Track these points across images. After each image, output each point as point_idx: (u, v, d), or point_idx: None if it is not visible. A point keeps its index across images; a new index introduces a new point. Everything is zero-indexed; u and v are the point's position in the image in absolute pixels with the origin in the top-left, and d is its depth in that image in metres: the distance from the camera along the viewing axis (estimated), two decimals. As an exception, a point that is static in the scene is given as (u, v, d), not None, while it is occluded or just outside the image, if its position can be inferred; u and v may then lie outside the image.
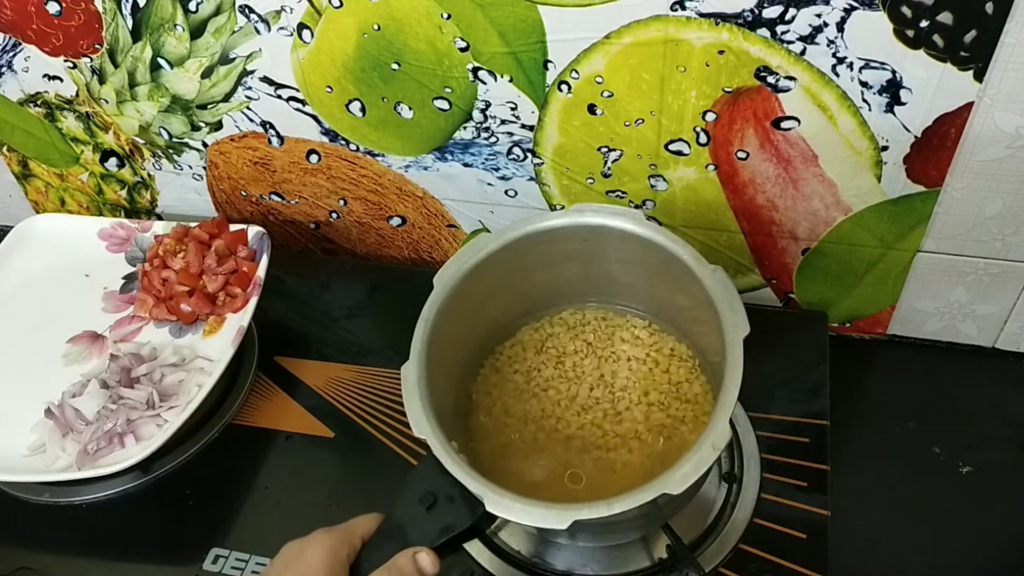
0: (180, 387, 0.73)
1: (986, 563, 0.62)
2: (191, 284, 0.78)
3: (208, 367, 0.74)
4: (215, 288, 0.78)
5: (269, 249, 0.79)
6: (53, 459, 0.69)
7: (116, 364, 0.74)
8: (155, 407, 0.71)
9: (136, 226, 0.86)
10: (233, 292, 0.78)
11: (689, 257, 0.58)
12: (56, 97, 0.85)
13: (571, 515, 0.46)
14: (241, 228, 0.82)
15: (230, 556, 0.64)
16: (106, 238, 0.86)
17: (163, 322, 0.80)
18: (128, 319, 0.81)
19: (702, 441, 0.48)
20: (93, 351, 0.78)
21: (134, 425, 0.69)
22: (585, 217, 0.62)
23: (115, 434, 0.69)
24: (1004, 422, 0.70)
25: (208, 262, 0.79)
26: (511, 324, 0.68)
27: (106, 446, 0.68)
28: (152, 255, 0.82)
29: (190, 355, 0.76)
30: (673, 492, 0.47)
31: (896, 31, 0.57)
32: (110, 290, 0.83)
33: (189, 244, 0.80)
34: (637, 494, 0.47)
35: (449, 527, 0.50)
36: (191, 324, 0.79)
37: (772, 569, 0.59)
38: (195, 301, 0.78)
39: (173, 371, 0.74)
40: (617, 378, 0.64)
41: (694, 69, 0.63)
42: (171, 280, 0.79)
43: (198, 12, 0.72)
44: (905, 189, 0.65)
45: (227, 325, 0.77)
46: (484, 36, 0.66)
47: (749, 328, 0.52)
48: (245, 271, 0.79)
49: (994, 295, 0.71)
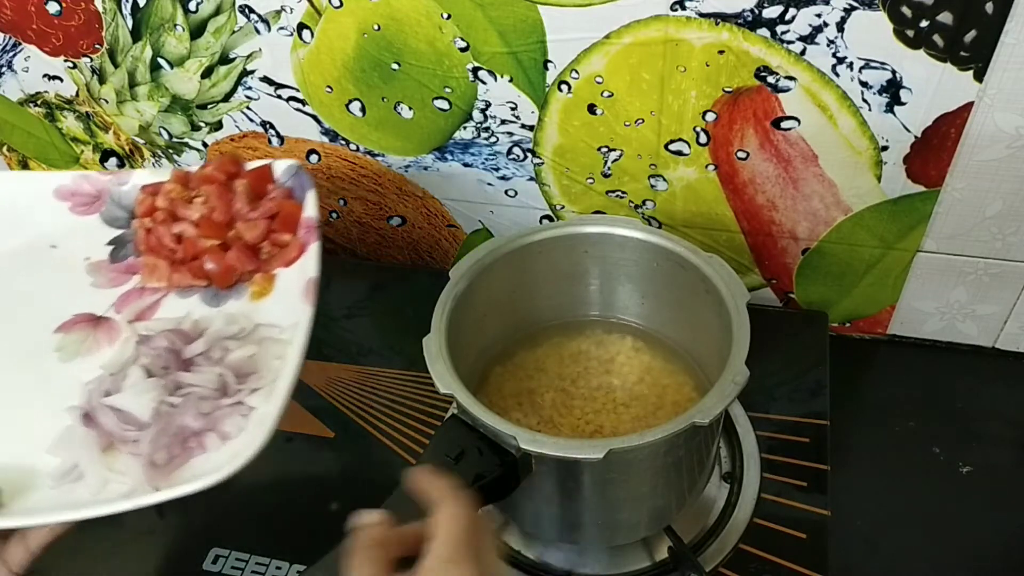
0: (255, 363, 0.55)
1: (986, 563, 0.62)
2: (219, 236, 0.61)
3: (280, 334, 0.57)
4: (255, 237, 0.61)
5: (312, 183, 0.63)
6: (100, 485, 0.50)
7: (151, 346, 0.56)
8: (231, 392, 0.54)
9: (108, 179, 0.67)
10: (280, 240, 0.61)
11: (685, 250, 0.60)
12: (56, 97, 0.85)
13: (605, 445, 0.47)
14: (263, 163, 0.65)
15: (230, 556, 0.64)
16: (67, 197, 0.67)
17: (188, 290, 0.62)
18: (136, 292, 0.62)
19: (723, 379, 0.50)
20: (99, 338, 0.60)
21: (212, 419, 0.52)
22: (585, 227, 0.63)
23: (189, 434, 0.51)
24: (1004, 422, 0.70)
25: (238, 206, 0.62)
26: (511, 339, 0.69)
27: (180, 453, 0.50)
28: (148, 209, 0.64)
29: (248, 324, 0.58)
30: (702, 421, 0.48)
31: (896, 31, 0.57)
32: (95, 261, 0.65)
33: (203, 188, 0.63)
34: (668, 425, 0.48)
35: (480, 475, 0.50)
36: (229, 287, 0.61)
37: (772, 569, 0.59)
38: (234, 257, 0.60)
39: (238, 345, 0.56)
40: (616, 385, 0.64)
41: (694, 69, 0.63)
42: (189, 235, 0.61)
43: (198, 12, 0.72)
44: (905, 189, 0.65)
45: (281, 282, 0.61)
46: (484, 36, 0.66)
47: (748, 295, 0.55)
48: (289, 212, 0.62)
49: (994, 295, 0.71)
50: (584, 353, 0.67)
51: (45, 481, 0.50)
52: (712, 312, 0.57)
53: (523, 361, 0.66)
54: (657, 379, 0.64)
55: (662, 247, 0.61)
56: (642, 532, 0.59)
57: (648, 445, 0.48)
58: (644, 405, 0.62)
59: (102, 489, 0.49)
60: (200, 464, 0.50)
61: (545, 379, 0.65)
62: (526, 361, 0.66)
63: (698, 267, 0.59)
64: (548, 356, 0.67)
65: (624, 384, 0.64)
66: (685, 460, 0.55)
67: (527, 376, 0.65)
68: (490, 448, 0.50)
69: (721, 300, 0.56)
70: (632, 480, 0.54)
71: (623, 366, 0.65)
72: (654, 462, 0.53)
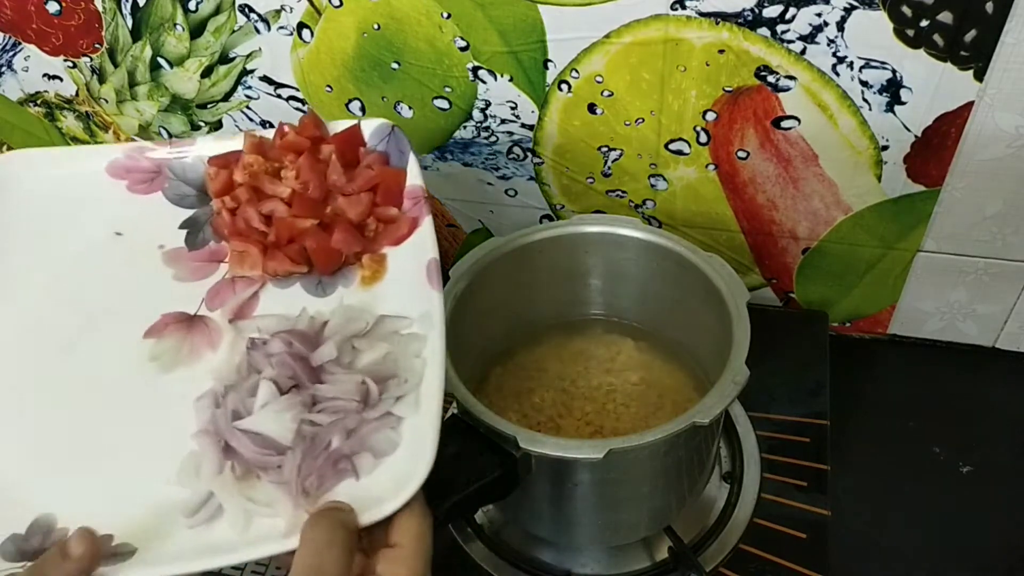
0: (393, 365, 0.47)
1: (986, 563, 0.62)
2: (317, 215, 0.52)
3: (410, 327, 0.48)
4: (360, 214, 0.52)
5: (410, 144, 0.55)
6: (244, 519, 0.42)
7: (269, 353, 0.47)
8: (373, 403, 0.45)
9: (167, 150, 0.57)
10: (386, 214, 0.53)
11: (685, 250, 0.60)
12: (56, 97, 0.85)
13: (605, 445, 0.48)
14: (351, 123, 0.56)
15: (230, 556, 0.64)
16: (121, 174, 0.57)
17: (287, 279, 0.53)
18: (227, 285, 0.52)
19: (723, 379, 0.50)
20: (197, 342, 0.50)
21: (360, 436, 0.44)
22: (585, 227, 0.63)
23: (339, 456, 0.43)
24: (1004, 422, 0.70)
25: (333, 178, 0.54)
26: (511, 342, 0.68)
27: (331, 476, 0.43)
28: (224, 185, 0.54)
29: (370, 317, 0.49)
30: (702, 421, 0.48)
31: (896, 30, 0.57)
32: (171, 249, 0.54)
33: (288, 158, 0.54)
34: (668, 425, 0.48)
35: (480, 475, 0.49)
36: (335, 273, 0.52)
37: (772, 569, 0.59)
38: (340, 239, 0.52)
39: (368, 344, 0.48)
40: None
41: (694, 68, 0.63)
42: (281, 214, 0.52)
43: (198, 11, 0.72)
44: (905, 189, 0.65)
45: (393, 263, 0.52)
46: (484, 35, 0.66)
47: (748, 295, 0.56)
48: (392, 182, 0.54)
49: (994, 295, 0.71)
50: (584, 353, 0.67)
51: (177, 518, 0.42)
52: (712, 312, 0.57)
53: (523, 361, 0.66)
54: (657, 379, 0.64)
55: (662, 247, 0.61)
56: (642, 532, 0.59)
57: (648, 445, 0.48)
58: (644, 405, 0.62)
59: (248, 525, 0.42)
60: (350, 488, 0.42)
61: (545, 379, 0.65)
62: (526, 361, 0.66)
63: (698, 267, 0.59)
64: (548, 356, 0.67)
65: (624, 384, 0.64)
66: (685, 460, 0.55)
67: (527, 376, 0.65)
68: (490, 448, 0.50)
69: (721, 300, 0.56)
70: (632, 480, 0.54)
71: (623, 366, 0.65)
72: (654, 462, 0.53)
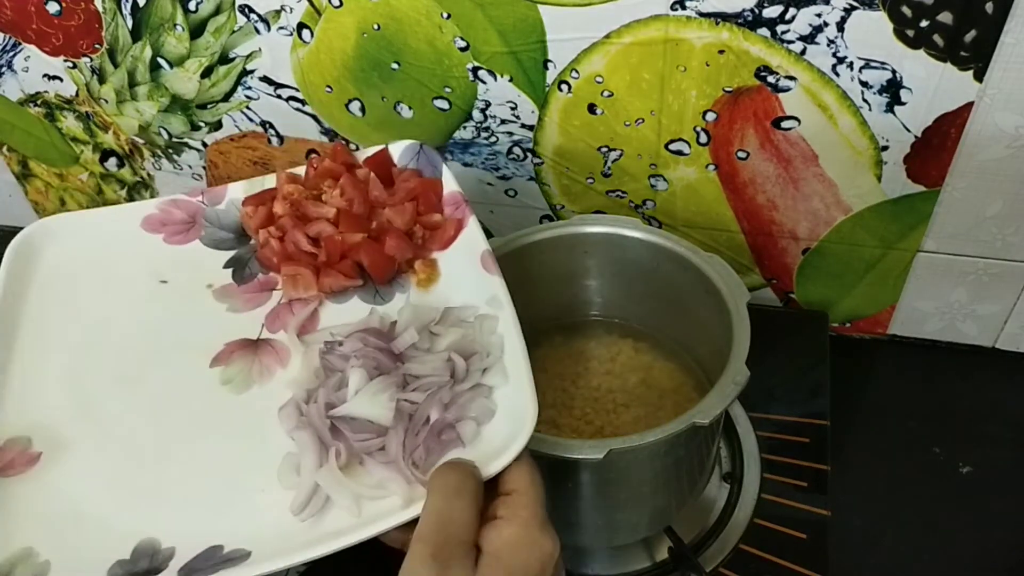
0: (472, 343, 0.49)
1: (986, 563, 0.62)
2: (364, 229, 0.55)
3: (477, 311, 0.51)
4: (406, 222, 0.56)
5: (441, 158, 0.59)
6: (354, 504, 0.43)
7: (348, 352, 0.49)
8: (462, 377, 0.47)
9: (198, 200, 0.60)
10: (430, 221, 0.56)
11: (685, 250, 0.60)
12: (56, 97, 0.85)
13: (605, 445, 0.48)
14: (379, 148, 0.60)
15: (230, 556, 0.64)
16: (157, 228, 0.60)
17: (343, 294, 0.55)
18: (284, 308, 0.55)
19: (724, 379, 0.50)
20: (266, 362, 0.52)
21: (458, 408, 0.46)
22: (585, 227, 0.63)
23: (444, 426, 0.45)
24: (1004, 422, 0.70)
25: (375, 194, 0.57)
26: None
27: (437, 448, 0.44)
28: (264, 219, 0.57)
29: (437, 311, 0.52)
30: (702, 422, 0.48)
31: (896, 31, 0.57)
32: (220, 286, 0.57)
33: (328, 181, 0.58)
34: (668, 425, 0.48)
35: None
36: (389, 282, 0.55)
37: (772, 569, 0.59)
38: (393, 246, 0.55)
39: (443, 330, 0.51)
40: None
41: (694, 69, 0.63)
42: (328, 234, 0.56)
43: (198, 12, 0.72)
44: (905, 189, 0.65)
45: (445, 266, 0.55)
46: (484, 36, 0.66)
47: (748, 295, 0.56)
48: (430, 191, 0.57)
49: (994, 295, 0.71)
50: (584, 353, 0.67)
51: (286, 517, 0.43)
52: (712, 312, 0.57)
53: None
54: (657, 379, 0.64)
55: (662, 247, 0.61)
56: (642, 532, 0.59)
57: (648, 445, 0.48)
58: (644, 405, 0.62)
59: (359, 509, 0.43)
60: (459, 455, 0.44)
61: (545, 379, 0.65)
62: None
63: (698, 267, 0.59)
64: (548, 356, 0.67)
65: (624, 384, 0.64)
66: (685, 460, 0.55)
67: (527, 376, 0.65)
68: None
69: (721, 300, 0.56)
70: (632, 480, 0.54)
71: (623, 366, 0.65)
72: (654, 462, 0.53)
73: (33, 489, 0.46)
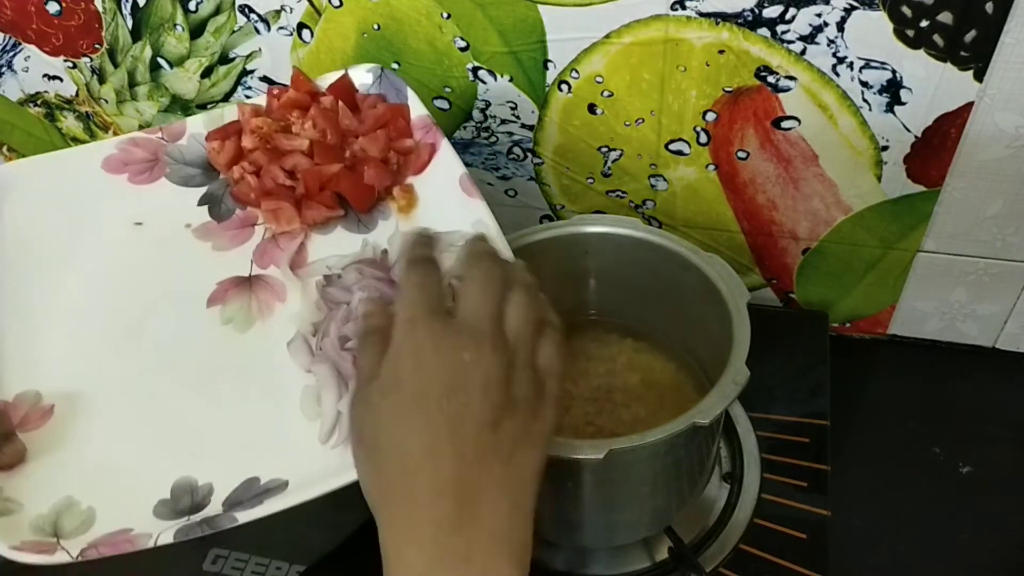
0: None
1: (986, 563, 0.62)
2: (339, 160, 0.55)
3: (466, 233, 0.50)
4: (381, 149, 0.55)
5: (404, 81, 0.58)
6: None
7: (342, 285, 0.51)
8: None
9: (159, 136, 0.58)
10: (402, 146, 0.56)
11: (685, 250, 0.60)
12: (56, 97, 0.85)
13: (605, 445, 0.48)
14: (340, 74, 0.59)
15: (230, 556, 0.64)
16: (119, 168, 0.57)
17: (327, 225, 0.55)
18: (271, 243, 0.54)
19: (724, 379, 0.50)
20: (264, 298, 0.52)
21: None
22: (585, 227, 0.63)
23: None
24: (1004, 422, 0.70)
25: (345, 123, 0.56)
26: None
27: None
28: (234, 155, 0.56)
29: None
30: (702, 422, 0.48)
31: (896, 31, 0.57)
32: (198, 225, 0.56)
33: (292, 115, 0.57)
34: (668, 425, 0.48)
35: None
36: (370, 210, 0.55)
37: (772, 569, 0.59)
38: (372, 175, 0.54)
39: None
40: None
41: (694, 69, 0.63)
42: (304, 167, 0.55)
43: (198, 12, 0.72)
44: (905, 189, 0.65)
45: (422, 191, 0.55)
46: (484, 35, 0.66)
47: (748, 295, 0.55)
48: (399, 117, 0.56)
49: (994, 295, 0.71)
50: (584, 353, 0.66)
51: (315, 445, 0.44)
52: (712, 312, 0.57)
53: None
54: (657, 379, 0.64)
55: (662, 247, 0.61)
56: (642, 532, 0.59)
57: (648, 445, 0.48)
58: (644, 405, 0.62)
59: None
60: None
61: (545, 379, 0.65)
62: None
63: (698, 267, 0.59)
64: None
65: (624, 384, 0.64)
66: (685, 460, 0.55)
67: (527, 376, 0.65)
68: None
69: (721, 300, 0.56)
70: (632, 480, 0.54)
71: (623, 366, 0.65)
72: (654, 462, 0.53)
73: (56, 443, 0.46)
